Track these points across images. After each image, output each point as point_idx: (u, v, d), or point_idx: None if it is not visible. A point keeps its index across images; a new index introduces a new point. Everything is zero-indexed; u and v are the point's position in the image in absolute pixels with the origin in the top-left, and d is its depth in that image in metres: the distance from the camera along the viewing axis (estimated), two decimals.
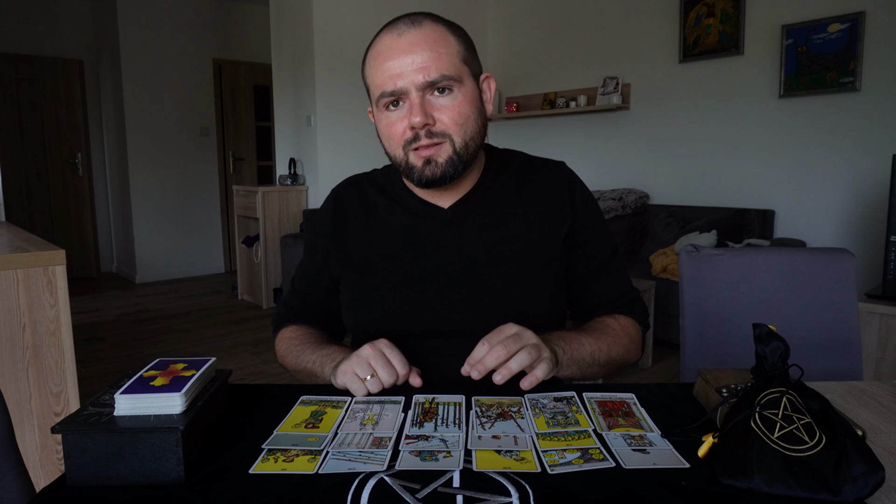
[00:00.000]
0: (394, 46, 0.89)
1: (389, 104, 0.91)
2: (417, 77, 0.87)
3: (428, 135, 0.89)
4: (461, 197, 1.00)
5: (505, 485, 0.60)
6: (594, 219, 1.04)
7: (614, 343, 0.98)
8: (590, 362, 0.93)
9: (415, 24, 0.90)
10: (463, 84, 0.91)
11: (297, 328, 1.09)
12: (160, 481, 0.62)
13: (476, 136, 0.93)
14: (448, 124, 0.90)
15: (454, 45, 0.91)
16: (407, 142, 0.91)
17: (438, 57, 0.88)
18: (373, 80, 0.92)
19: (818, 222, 3.57)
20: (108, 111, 5.87)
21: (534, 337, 0.83)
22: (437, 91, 0.89)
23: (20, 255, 1.65)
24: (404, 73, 0.88)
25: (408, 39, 0.88)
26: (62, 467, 0.86)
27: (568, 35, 4.77)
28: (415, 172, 0.92)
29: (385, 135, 0.94)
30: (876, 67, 3.27)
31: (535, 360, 0.81)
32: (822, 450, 0.59)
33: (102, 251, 6.15)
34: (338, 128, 4.65)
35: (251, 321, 4.33)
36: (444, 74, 0.88)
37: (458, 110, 0.90)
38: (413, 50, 0.88)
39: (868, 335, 2.13)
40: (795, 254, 1.33)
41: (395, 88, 0.88)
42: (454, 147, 0.91)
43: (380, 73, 0.90)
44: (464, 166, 0.93)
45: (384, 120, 0.93)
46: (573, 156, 4.75)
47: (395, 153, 0.94)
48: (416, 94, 0.88)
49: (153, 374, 0.70)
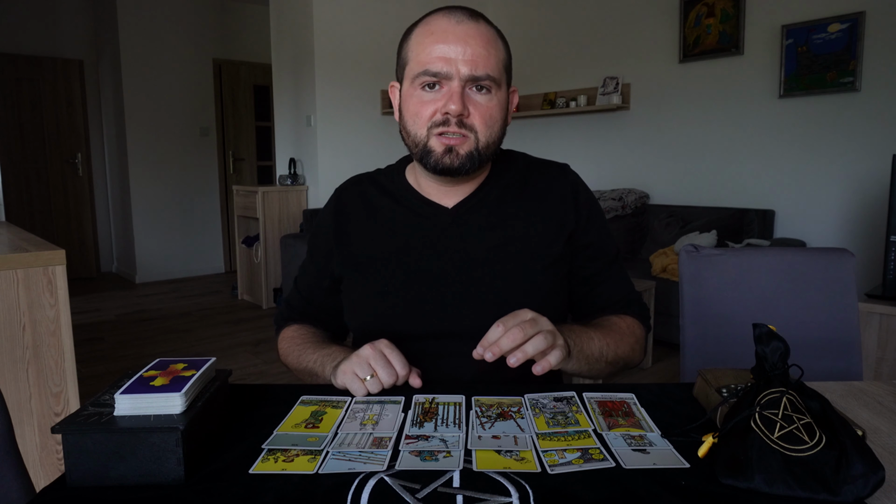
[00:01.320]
0: (450, 31, 0.90)
1: (427, 84, 0.91)
2: (465, 68, 0.89)
3: (458, 124, 0.90)
4: (465, 197, 1.00)
5: (505, 485, 0.60)
6: (598, 221, 1.05)
7: (621, 341, 0.98)
8: (597, 357, 0.93)
9: (474, 18, 0.92)
10: (500, 89, 0.93)
11: (299, 327, 1.09)
12: (160, 481, 0.62)
13: (497, 140, 0.95)
14: (479, 121, 0.91)
15: (502, 50, 0.94)
16: (435, 124, 0.91)
17: (488, 56, 0.90)
18: (417, 55, 0.92)
19: (818, 222, 3.57)
20: (108, 111, 5.87)
21: (549, 323, 0.82)
22: (477, 87, 0.91)
23: (20, 255, 1.65)
24: (454, 59, 0.89)
25: (465, 29, 0.90)
26: (62, 467, 0.86)
27: (568, 35, 4.77)
28: (432, 156, 0.92)
29: (412, 111, 0.93)
30: (876, 67, 3.27)
31: (550, 346, 0.80)
32: (822, 450, 0.59)
33: (102, 251, 6.15)
34: (338, 128, 4.65)
35: (251, 321, 4.33)
36: (489, 74, 0.90)
37: (491, 112, 0.92)
38: (468, 41, 0.89)
39: (868, 335, 2.13)
40: (795, 254, 1.33)
41: (441, 71, 0.89)
42: (477, 144, 0.92)
43: (428, 51, 0.90)
44: (480, 164, 0.94)
45: (416, 97, 0.93)
46: (573, 156, 4.75)
47: (418, 132, 0.93)
48: (459, 84, 0.89)
49: (153, 374, 0.70)
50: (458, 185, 0.99)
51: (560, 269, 1.01)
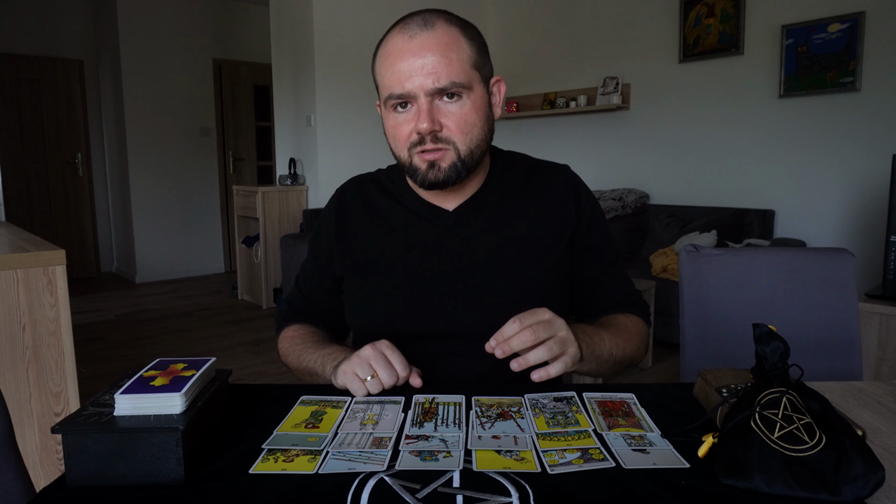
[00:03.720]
0: (404, 49, 0.87)
1: (397, 105, 0.90)
2: (427, 82, 0.86)
3: (433, 140, 0.89)
4: (466, 199, 1.01)
5: (505, 485, 0.60)
6: (599, 222, 1.05)
7: (629, 341, 0.99)
8: (607, 358, 0.94)
9: (427, 25, 0.88)
10: (472, 91, 0.90)
11: (299, 327, 1.09)
12: (160, 481, 0.62)
13: (482, 142, 0.93)
14: (454, 131, 0.89)
15: (466, 49, 0.90)
16: (412, 144, 0.91)
17: (449, 63, 0.87)
18: (381, 79, 0.92)
19: (818, 222, 3.57)
20: (108, 111, 5.87)
21: (564, 327, 0.81)
22: (447, 97, 0.88)
23: (20, 255, 1.65)
24: (413, 76, 0.86)
25: (419, 43, 0.87)
26: (62, 467, 0.86)
27: (568, 35, 4.77)
28: (418, 174, 0.92)
29: (391, 135, 0.94)
30: (876, 67, 3.27)
31: (556, 355, 0.80)
32: (822, 450, 0.59)
33: (102, 251, 6.15)
34: (338, 128, 4.65)
35: (251, 321, 4.33)
36: (454, 81, 0.87)
37: (465, 118, 0.90)
38: (423, 54, 0.86)
39: (868, 335, 2.13)
40: (795, 254, 1.33)
41: (404, 91, 0.88)
42: (458, 154, 0.90)
43: (389, 74, 0.89)
44: (467, 172, 0.93)
45: (391, 120, 0.93)
46: (573, 156, 4.75)
47: (401, 154, 0.94)
48: (425, 100, 0.87)
49: (153, 374, 0.70)
50: (455, 189, 0.99)
51: (561, 270, 1.01)
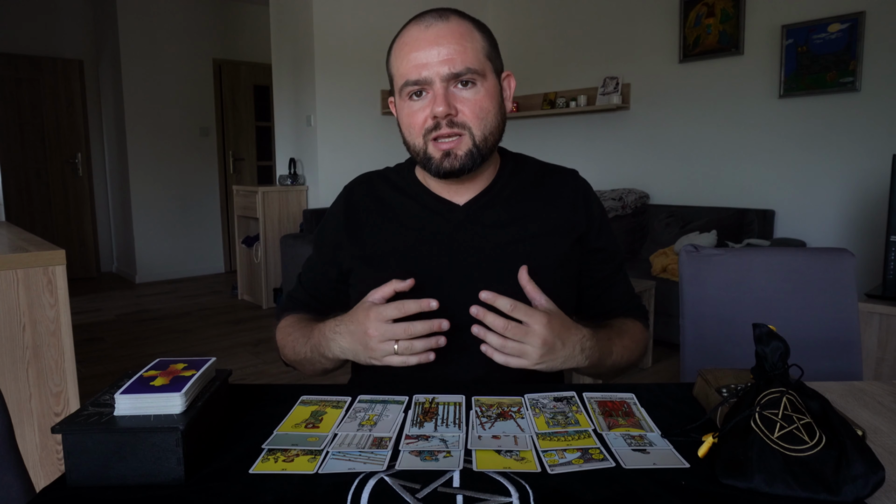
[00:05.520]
0: (420, 38, 0.91)
1: (413, 94, 0.93)
2: (443, 68, 0.89)
3: (449, 124, 0.91)
4: (477, 194, 1.02)
5: (505, 485, 0.60)
6: (607, 226, 1.08)
7: (635, 349, 1.03)
8: (610, 366, 0.97)
9: (442, 17, 0.92)
10: (486, 79, 0.93)
11: (292, 317, 1.10)
12: (160, 481, 0.62)
13: (495, 130, 0.95)
14: (469, 116, 0.92)
15: (479, 40, 0.93)
16: (427, 130, 0.92)
17: (464, 50, 0.90)
18: (398, 69, 0.94)
19: (818, 222, 3.57)
20: (108, 111, 5.87)
21: (539, 345, 0.82)
22: (461, 84, 0.91)
23: (20, 255, 1.65)
24: (430, 63, 0.90)
25: (435, 32, 0.90)
26: (62, 467, 0.86)
27: (568, 35, 4.77)
28: (433, 163, 0.94)
29: (406, 123, 0.95)
30: (876, 67, 3.27)
31: (509, 352, 0.82)
32: (822, 450, 0.59)
33: (102, 251, 6.14)
34: (338, 128, 4.65)
35: (251, 321, 4.33)
36: (469, 67, 0.90)
37: (480, 104, 0.92)
38: (439, 42, 0.90)
39: (868, 335, 2.13)
40: (795, 254, 1.33)
41: (420, 78, 0.90)
42: (474, 140, 0.92)
43: (405, 62, 0.92)
44: (482, 159, 0.94)
45: (406, 109, 0.94)
46: (573, 156, 4.75)
47: (415, 142, 0.95)
48: (441, 85, 0.90)
49: (153, 374, 0.70)
50: (467, 184, 1.00)
51: (569, 269, 1.03)
